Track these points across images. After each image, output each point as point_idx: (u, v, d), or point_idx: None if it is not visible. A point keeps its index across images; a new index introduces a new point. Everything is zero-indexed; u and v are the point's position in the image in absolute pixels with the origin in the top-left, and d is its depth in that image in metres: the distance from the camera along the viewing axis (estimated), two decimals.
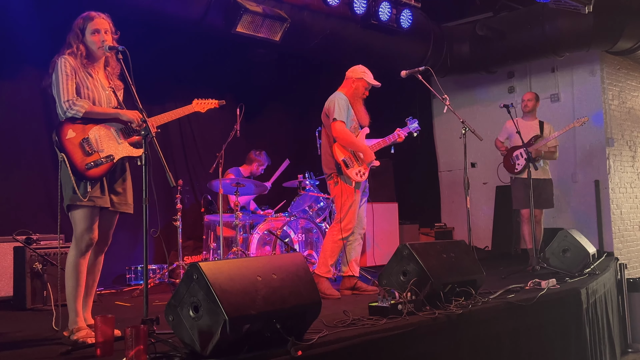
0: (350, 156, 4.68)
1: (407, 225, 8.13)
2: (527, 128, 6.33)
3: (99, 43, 3.14)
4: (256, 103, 7.14)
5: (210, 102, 3.57)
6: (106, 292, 5.49)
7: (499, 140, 6.49)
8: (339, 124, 4.60)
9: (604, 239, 7.85)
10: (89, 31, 3.16)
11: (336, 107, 4.63)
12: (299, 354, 2.60)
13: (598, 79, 8.02)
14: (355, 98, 4.80)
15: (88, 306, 3.23)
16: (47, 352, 2.80)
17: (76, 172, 3.00)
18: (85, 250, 3.06)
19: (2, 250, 4.88)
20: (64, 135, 3.03)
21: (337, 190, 4.67)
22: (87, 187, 3.02)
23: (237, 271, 2.63)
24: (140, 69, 5.18)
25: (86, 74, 3.14)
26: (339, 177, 4.67)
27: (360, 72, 4.82)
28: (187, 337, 2.54)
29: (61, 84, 3.04)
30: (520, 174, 6.25)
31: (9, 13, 4.55)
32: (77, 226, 3.04)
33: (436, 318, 3.34)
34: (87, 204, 3.02)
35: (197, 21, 5.56)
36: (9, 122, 5.35)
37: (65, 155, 3.01)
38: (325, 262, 4.64)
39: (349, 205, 4.61)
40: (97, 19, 3.20)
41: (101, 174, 3.07)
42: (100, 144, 3.08)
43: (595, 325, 4.82)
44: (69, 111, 3.04)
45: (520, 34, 7.50)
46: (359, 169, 4.69)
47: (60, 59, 3.09)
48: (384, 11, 6.61)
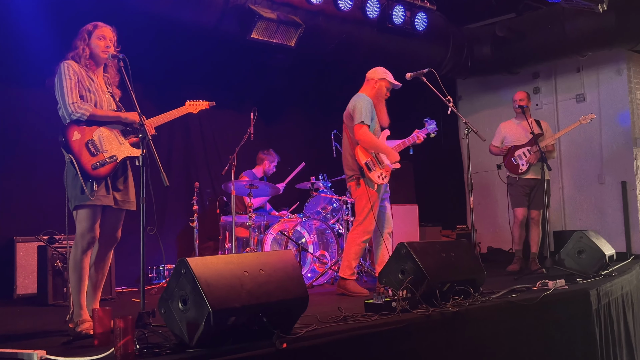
0: (372, 159, 4.74)
1: (429, 227, 8.14)
2: (521, 128, 6.27)
3: (103, 48, 3.33)
4: (273, 107, 7.30)
5: (201, 103, 3.73)
6: (128, 290, 5.72)
7: (494, 146, 6.40)
8: (363, 127, 4.64)
9: (632, 240, 7.68)
10: (96, 36, 3.35)
11: (362, 110, 4.66)
12: (284, 346, 2.69)
13: (625, 78, 7.87)
14: (379, 99, 4.85)
15: (96, 299, 3.40)
16: (51, 342, 2.98)
17: (84, 172, 3.17)
18: (87, 248, 3.24)
19: (28, 250, 5.17)
20: (71, 137, 3.20)
21: (359, 192, 4.73)
22: (94, 186, 3.19)
23: (224, 266, 2.74)
24: (157, 74, 5.44)
25: (88, 78, 3.32)
26: (361, 179, 4.73)
27: (382, 73, 4.88)
28: (177, 329, 2.66)
29: (65, 87, 3.21)
30: (525, 174, 6.19)
31: (25, 23, 4.80)
32: (80, 225, 3.22)
33: (430, 315, 3.37)
34: (92, 203, 3.19)
35: (212, 28, 5.75)
36: (29, 126, 5.61)
37: (73, 156, 3.17)
38: (349, 265, 4.71)
39: (370, 208, 4.66)
40: (104, 27, 3.41)
41: (106, 173, 3.24)
42: (104, 145, 3.26)
43: (608, 327, 4.74)
44: (74, 114, 3.21)
45: (541, 34, 7.43)
46: (380, 172, 4.75)
47: (63, 64, 3.27)
48: (398, 14, 6.67)
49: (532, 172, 6.18)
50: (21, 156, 5.56)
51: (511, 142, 6.27)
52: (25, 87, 5.51)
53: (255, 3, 5.76)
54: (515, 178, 6.28)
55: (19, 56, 5.33)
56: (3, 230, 5.32)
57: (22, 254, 5.14)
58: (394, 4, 6.67)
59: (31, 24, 4.48)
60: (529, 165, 6.15)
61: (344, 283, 4.69)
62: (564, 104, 8.44)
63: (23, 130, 5.59)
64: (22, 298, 5.08)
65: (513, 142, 6.25)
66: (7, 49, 5.25)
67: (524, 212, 6.25)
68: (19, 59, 5.33)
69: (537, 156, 6.08)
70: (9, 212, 5.47)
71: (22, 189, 5.54)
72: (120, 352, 2.49)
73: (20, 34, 5.03)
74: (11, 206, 5.49)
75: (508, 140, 6.31)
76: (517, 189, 6.26)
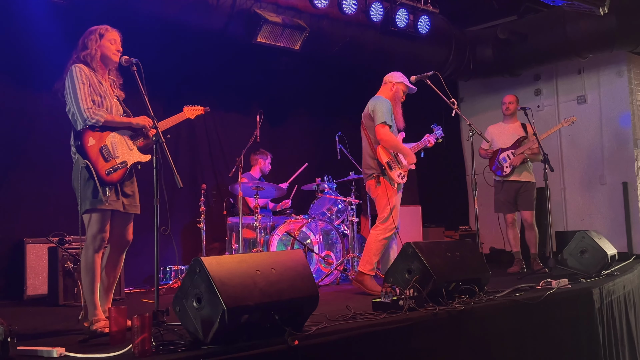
0: (392, 159, 4.84)
1: (432, 228, 8.21)
2: (509, 131, 6.34)
3: (114, 51, 3.40)
4: (278, 109, 7.37)
5: (198, 109, 3.83)
6: (136, 291, 5.78)
7: (482, 148, 6.43)
8: (385, 127, 4.75)
9: (633, 241, 7.76)
10: (107, 39, 3.41)
11: (384, 111, 4.78)
12: (296, 343, 2.76)
13: (625, 80, 7.95)
14: (396, 102, 4.96)
15: (108, 300, 3.48)
16: (67, 340, 3.04)
17: (100, 178, 3.23)
18: (99, 249, 3.31)
19: (39, 251, 5.24)
20: (87, 143, 3.25)
21: (380, 190, 4.82)
22: (107, 191, 3.26)
23: (237, 265, 2.82)
24: (164, 76, 5.50)
25: (97, 82, 3.37)
26: (382, 177, 4.82)
27: (400, 77, 5.00)
28: (191, 326, 2.74)
29: (79, 92, 3.25)
30: (508, 176, 6.25)
31: (39, 27, 4.88)
32: (92, 228, 3.28)
33: (436, 314, 3.45)
34: (104, 207, 3.25)
35: (219, 31, 5.83)
36: (41, 129, 5.67)
37: (90, 162, 3.22)
38: (369, 260, 4.79)
39: (392, 206, 4.76)
40: (114, 31, 3.46)
41: (118, 179, 3.31)
42: (116, 151, 3.32)
43: (611, 325, 4.81)
44: (89, 119, 3.24)
45: (542, 36, 7.51)
46: (400, 171, 4.86)
47: (74, 67, 3.29)
48: (401, 18, 6.75)
49: (515, 174, 6.24)
50: (32, 159, 5.62)
51: (497, 145, 6.34)
52: (38, 90, 5.58)
53: (261, 7, 5.84)
54: (500, 181, 6.33)
55: (32, 60, 5.41)
56: (13, 232, 5.40)
57: (32, 255, 5.21)
58: (397, 7, 6.76)
59: (44, 28, 4.56)
60: (513, 168, 6.21)
61: (362, 278, 4.76)
62: (566, 105, 8.52)
63: (35, 133, 5.66)
64: (32, 299, 5.14)
65: (499, 145, 6.32)
66: (22, 54, 5.34)
67: (513, 216, 6.32)
68: (33, 63, 5.41)
69: (521, 159, 6.16)
70: (19, 214, 5.54)
71: (32, 192, 5.60)
72: (138, 349, 2.56)
73: (35, 39, 5.13)
74: (21, 208, 5.56)
75: (495, 143, 6.38)
76: (502, 194, 6.32)
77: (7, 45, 5.43)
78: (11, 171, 5.55)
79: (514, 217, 6.34)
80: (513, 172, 6.22)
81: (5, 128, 5.52)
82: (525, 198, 6.24)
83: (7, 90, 5.55)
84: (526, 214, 6.27)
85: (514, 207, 6.31)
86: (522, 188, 6.24)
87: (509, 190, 6.28)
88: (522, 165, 6.22)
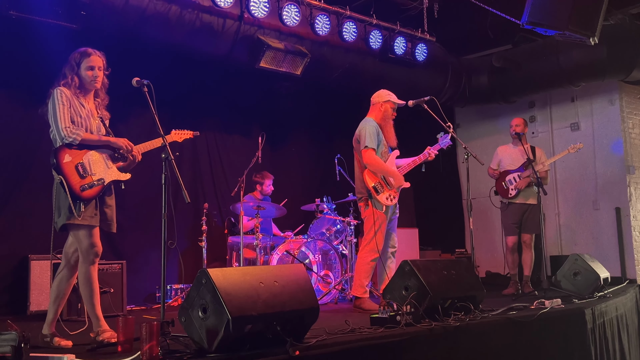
0: (380, 182, 4.96)
1: (428, 250, 8.32)
2: (516, 153, 6.48)
3: (92, 78, 3.51)
4: (279, 131, 7.56)
5: (186, 133, 3.98)
6: (137, 308, 5.86)
7: (491, 168, 6.60)
8: (369, 151, 4.89)
9: (627, 266, 7.87)
10: (84, 66, 3.50)
11: (367, 135, 4.91)
12: (297, 353, 2.87)
13: (617, 108, 8.15)
14: (386, 121, 5.09)
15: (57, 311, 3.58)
16: (76, 350, 3.15)
17: (73, 194, 3.33)
18: (93, 262, 3.42)
19: (42, 268, 5.32)
20: (62, 159, 3.37)
21: (368, 213, 4.96)
22: (81, 207, 3.35)
23: (241, 277, 2.94)
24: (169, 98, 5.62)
25: (79, 104, 3.50)
26: (369, 200, 4.96)
27: (386, 95, 5.13)
28: (197, 336, 2.85)
29: (58, 112, 3.39)
30: (514, 199, 6.39)
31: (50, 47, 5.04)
32: (82, 243, 3.40)
33: (432, 329, 3.56)
34: (82, 222, 3.35)
35: (223, 56, 6.02)
36: (46, 148, 5.80)
37: (63, 178, 3.34)
38: (360, 284, 4.93)
39: (377, 228, 4.88)
40: (93, 55, 3.54)
41: (93, 195, 3.41)
42: (93, 168, 3.44)
43: (604, 346, 4.91)
44: (67, 137, 3.38)
45: (536, 65, 7.72)
46: (389, 194, 4.97)
47: (56, 90, 3.45)
48: (399, 45, 6.97)
49: (521, 197, 6.36)
50: (36, 177, 5.74)
51: (505, 166, 6.49)
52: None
53: (265, 33, 6.04)
54: (505, 203, 6.47)
55: (44, 80, 5.55)
56: (18, 248, 5.50)
57: (36, 271, 5.30)
58: (395, 35, 6.98)
59: (55, 49, 4.71)
60: (518, 191, 6.34)
61: (359, 302, 4.91)
62: (559, 132, 8.71)
63: (41, 152, 5.79)
64: (35, 314, 5.21)
65: (507, 167, 6.47)
66: (33, 74, 5.48)
67: (514, 239, 6.42)
68: (42, 83, 5.51)
69: (526, 182, 6.29)
70: (23, 231, 5.64)
71: (36, 209, 5.71)
72: (146, 356, 2.67)
73: (46, 59, 5.28)
74: (25, 225, 5.66)
75: (503, 164, 6.53)
76: (508, 215, 6.44)
77: (20, 68, 5.59)
78: (17, 189, 5.69)
79: (514, 240, 6.43)
80: (518, 194, 6.34)
81: (12, 147, 5.66)
82: (530, 221, 6.33)
83: (15, 110, 5.70)
84: (526, 235, 6.38)
85: (517, 230, 6.41)
86: (528, 211, 6.35)
87: (514, 212, 6.38)
88: (528, 188, 6.32)
